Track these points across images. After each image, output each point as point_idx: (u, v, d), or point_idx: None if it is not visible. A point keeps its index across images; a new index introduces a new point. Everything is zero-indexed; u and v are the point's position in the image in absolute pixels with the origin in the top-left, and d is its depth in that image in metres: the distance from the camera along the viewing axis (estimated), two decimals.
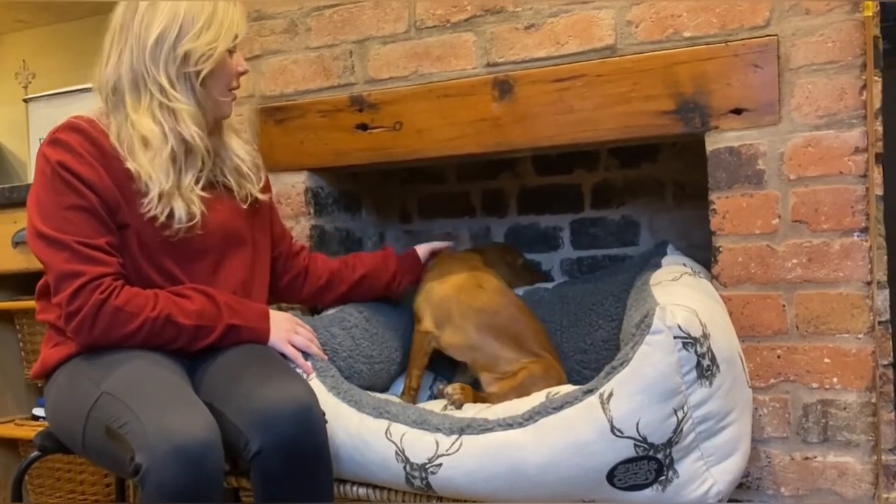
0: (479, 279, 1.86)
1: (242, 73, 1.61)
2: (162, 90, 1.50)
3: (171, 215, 1.48)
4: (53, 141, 1.46)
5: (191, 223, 1.50)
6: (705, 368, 1.31)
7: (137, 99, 1.51)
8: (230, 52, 1.56)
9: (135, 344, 1.44)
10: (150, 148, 1.48)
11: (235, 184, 1.63)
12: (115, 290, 1.42)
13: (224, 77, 1.57)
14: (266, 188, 1.72)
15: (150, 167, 1.47)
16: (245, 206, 1.63)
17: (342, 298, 1.88)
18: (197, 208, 1.51)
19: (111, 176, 1.46)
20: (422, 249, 1.99)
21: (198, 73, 1.51)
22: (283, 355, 1.57)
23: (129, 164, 1.47)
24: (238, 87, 1.62)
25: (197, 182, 1.53)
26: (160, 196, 1.47)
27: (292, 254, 1.83)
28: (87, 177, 1.44)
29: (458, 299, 1.81)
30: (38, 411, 2.40)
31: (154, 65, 1.50)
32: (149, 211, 1.47)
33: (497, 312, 1.80)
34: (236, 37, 1.56)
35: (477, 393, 1.75)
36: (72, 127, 1.48)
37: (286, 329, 1.59)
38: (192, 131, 1.51)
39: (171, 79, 1.51)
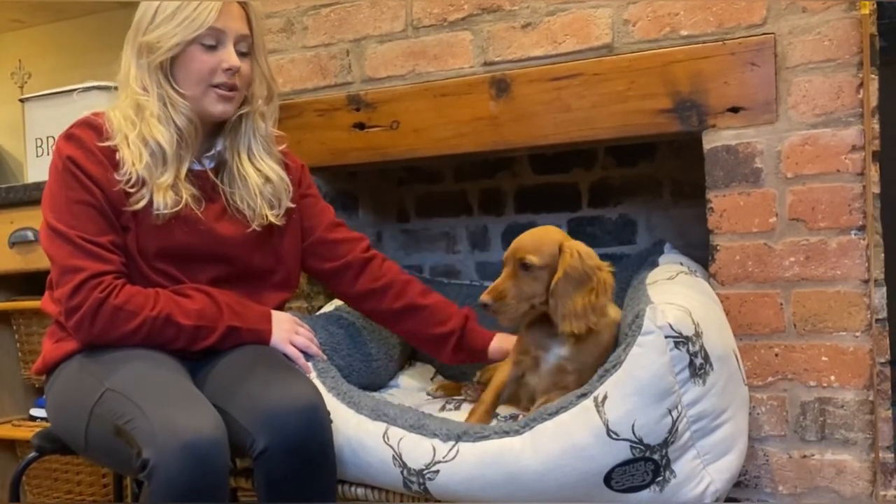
0: None
1: (228, 70, 1.50)
2: (132, 81, 1.51)
3: (150, 203, 1.47)
4: (68, 136, 1.49)
5: (174, 210, 1.48)
6: (698, 367, 1.31)
7: (125, 89, 1.53)
8: (209, 46, 1.49)
9: (135, 343, 1.44)
10: (122, 133, 1.48)
11: (248, 209, 1.58)
12: (116, 289, 1.42)
13: (194, 71, 1.49)
14: (293, 199, 1.65)
15: (127, 152, 1.47)
16: (257, 229, 1.58)
17: (385, 318, 1.73)
18: (181, 198, 1.49)
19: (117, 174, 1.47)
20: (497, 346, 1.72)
21: (158, 63, 1.49)
22: (286, 356, 1.56)
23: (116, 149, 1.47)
24: (227, 84, 1.51)
25: (179, 175, 1.50)
26: (137, 180, 1.46)
27: (337, 241, 1.71)
28: (95, 174, 1.45)
29: None
30: (36, 412, 2.40)
31: (131, 55, 1.52)
32: (127, 188, 1.46)
33: None
34: (208, 29, 1.48)
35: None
36: (87, 123, 1.50)
37: (287, 329, 1.58)
38: (155, 129, 1.48)
39: (140, 70, 1.51)
